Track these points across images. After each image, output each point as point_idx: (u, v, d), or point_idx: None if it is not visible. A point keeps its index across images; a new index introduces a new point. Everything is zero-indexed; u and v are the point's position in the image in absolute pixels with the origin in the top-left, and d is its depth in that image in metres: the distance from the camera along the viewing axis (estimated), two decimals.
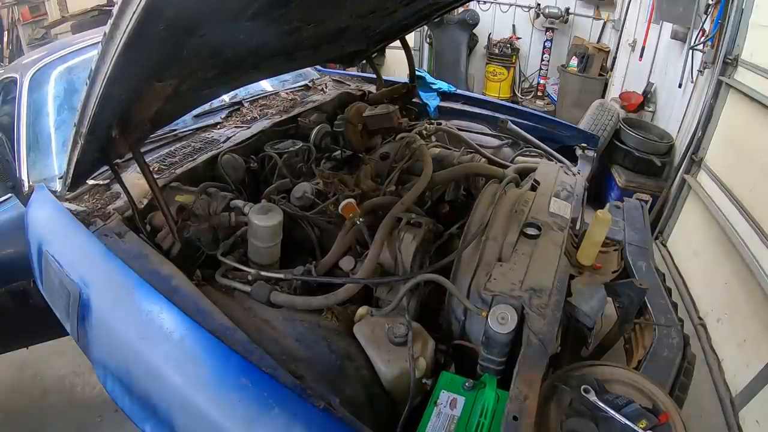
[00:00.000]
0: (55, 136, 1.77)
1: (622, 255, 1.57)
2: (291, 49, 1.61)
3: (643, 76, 4.33)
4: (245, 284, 1.33)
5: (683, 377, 1.21)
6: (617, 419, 0.97)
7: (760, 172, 2.41)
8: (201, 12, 0.87)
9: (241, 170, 1.79)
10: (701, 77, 3.24)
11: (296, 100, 2.33)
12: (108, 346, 1.17)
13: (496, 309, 1.10)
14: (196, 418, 0.95)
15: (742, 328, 2.31)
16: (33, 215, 1.50)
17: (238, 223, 1.47)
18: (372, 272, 1.34)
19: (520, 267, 1.25)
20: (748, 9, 2.69)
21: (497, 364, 1.13)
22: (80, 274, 1.25)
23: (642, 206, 1.86)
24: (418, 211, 1.60)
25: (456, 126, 2.35)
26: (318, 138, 2.06)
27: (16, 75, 1.92)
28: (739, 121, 2.74)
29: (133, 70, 0.96)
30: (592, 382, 1.04)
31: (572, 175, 1.84)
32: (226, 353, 0.99)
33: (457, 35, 5.68)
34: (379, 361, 1.15)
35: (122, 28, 0.78)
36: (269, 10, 1.04)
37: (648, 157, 3.53)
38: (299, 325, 1.21)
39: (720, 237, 2.64)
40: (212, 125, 2.01)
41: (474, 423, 0.99)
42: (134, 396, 1.07)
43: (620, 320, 1.40)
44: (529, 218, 1.43)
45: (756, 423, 2.01)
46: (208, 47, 1.07)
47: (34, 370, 2.41)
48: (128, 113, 1.19)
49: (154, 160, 1.71)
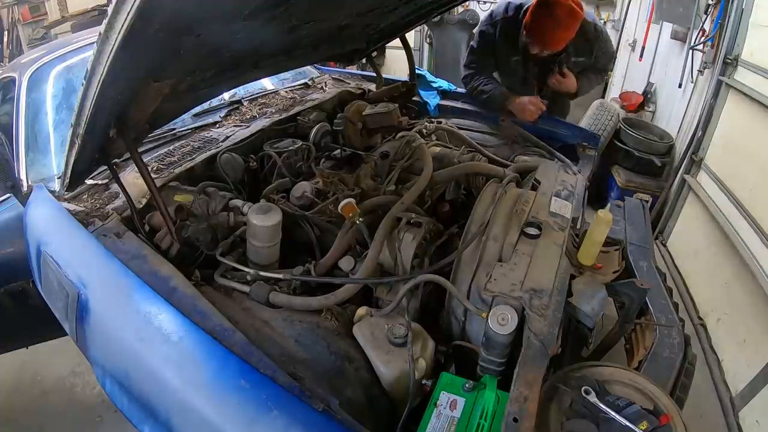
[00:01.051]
0: (54, 136, 1.76)
1: (623, 255, 1.56)
2: (290, 47, 1.60)
3: (643, 76, 4.33)
4: (244, 284, 1.33)
5: (684, 378, 1.21)
6: (618, 421, 0.97)
7: (760, 172, 2.41)
8: (196, 12, 0.86)
9: (240, 169, 1.79)
10: (701, 77, 3.24)
11: (296, 99, 2.32)
12: (106, 347, 1.17)
13: (497, 310, 1.10)
14: (194, 420, 0.95)
15: (742, 328, 2.31)
16: (31, 215, 1.49)
17: (237, 223, 1.46)
18: (371, 272, 1.33)
19: (521, 267, 1.24)
20: (748, 9, 2.68)
21: (497, 365, 1.12)
22: (78, 275, 1.24)
23: (643, 205, 1.85)
24: (418, 210, 1.60)
25: (456, 125, 2.34)
26: (317, 137, 2.06)
27: (14, 74, 1.91)
28: (739, 121, 2.74)
29: (130, 71, 0.95)
30: (592, 383, 1.03)
31: (573, 174, 1.83)
32: (225, 355, 0.99)
33: (457, 35, 5.67)
34: (378, 362, 1.14)
35: (117, 29, 0.77)
36: (266, 10, 1.03)
37: (648, 157, 3.53)
38: (298, 326, 1.20)
39: (720, 237, 2.63)
40: (211, 124, 2.01)
41: (474, 424, 0.98)
42: (133, 397, 1.07)
43: (621, 320, 1.40)
44: (530, 218, 1.42)
45: (756, 423, 2.01)
46: (205, 47, 1.07)
47: (34, 370, 2.41)
48: (125, 113, 1.19)
49: (153, 159, 1.70)
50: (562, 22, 1.98)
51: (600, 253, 1.46)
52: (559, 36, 2.04)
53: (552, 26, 1.99)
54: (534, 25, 2.04)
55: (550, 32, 2.02)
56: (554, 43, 2.07)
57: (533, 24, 2.04)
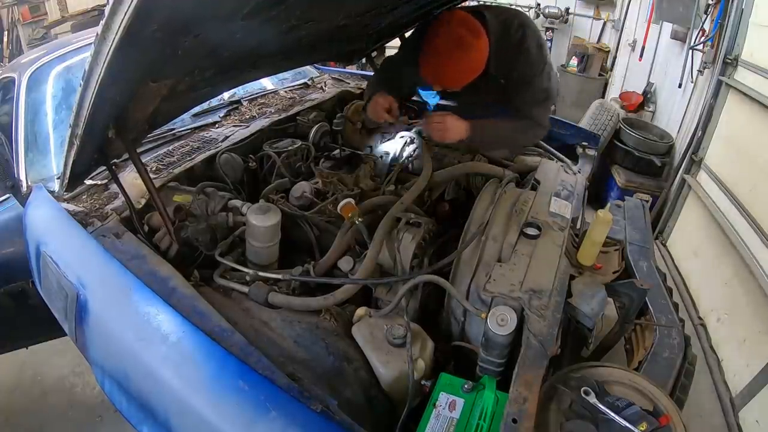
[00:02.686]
0: (54, 136, 1.76)
1: (623, 255, 1.56)
2: (289, 47, 1.60)
3: (643, 76, 4.33)
4: (243, 285, 1.32)
5: (684, 378, 1.20)
6: (617, 421, 0.96)
7: (760, 172, 2.41)
8: (194, 12, 0.86)
9: (239, 170, 1.79)
10: (701, 77, 3.24)
11: (295, 99, 2.32)
12: (106, 348, 1.16)
13: (496, 310, 1.09)
14: (193, 420, 0.95)
15: (742, 328, 2.31)
16: (31, 216, 1.49)
17: (236, 223, 1.46)
18: (371, 273, 1.33)
19: (520, 267, 1.24)
20: (748, 9, 2.69)
21: (497, 366, 1.12)
22: (78, 275, 1.24)
23: (643, 205, 1.85)
24: (417, 210, 1.59)
25: None
26: (317, 137, 2.06)
27: (14, 74, 1.91)
28: (739, 121, 2.74)
29: (127, 71, 0.95)
30: (592, 384, 1.03)
31: (573, 174, 1.83)
32: (224, 356, 0.98)
33: None
34: (377, 363, 1.14)
35: (114, 29, 0.77)
36: (264, 10, 1.03)
37: (648, 157, 3.53)
38: (297, 326, 1.20)
39: (720, 237, 2.63)
40: (210, 124, 2.01)
41: (473, 425, 0.98)
42: (132, 398, 1.07)
43: (621, 321, 1.40)
44: (529, 218, 1.42)
45: (756, 423, 2.00)
46: (203, 47, 1.06)
47: (34, 370, 2.41)
48: (124, 114, 1.19)
49: (152, 159, 1.70)
50: (448, 55, 1.48)
51: (600, 254, 1.46)
52: (446, 73, 1.53)
53: (436, 60, 1.50)
54: (423, 56, 1.53)
55: (435, 67, 1.53)
56: (446, 80, 1.57)
57: (422, 55, 1.53)
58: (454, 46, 1.46)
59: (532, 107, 1.64)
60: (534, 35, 1.61)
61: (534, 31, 1.63)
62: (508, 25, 1.58)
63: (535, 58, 1.58)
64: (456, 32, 1.45)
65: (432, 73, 1.56)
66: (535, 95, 1.64)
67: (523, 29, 1.58)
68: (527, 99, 1.64)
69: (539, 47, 1.61)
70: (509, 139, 1.75)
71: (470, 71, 1.53)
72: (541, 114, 1.68)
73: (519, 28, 1.58)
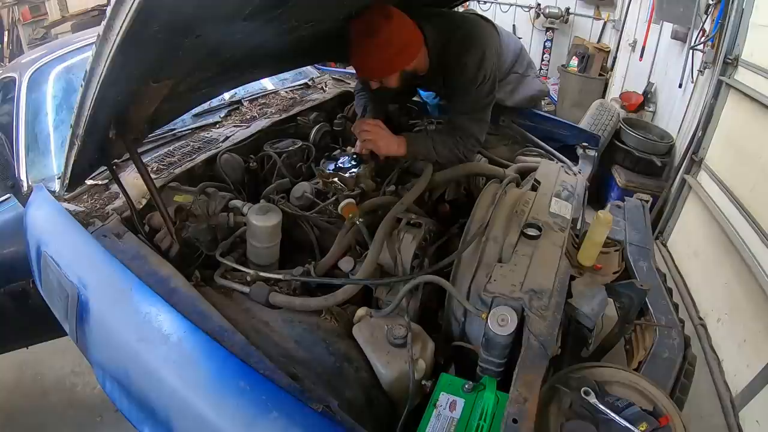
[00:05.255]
0: (54, 136, 1.76)
1: (623, 255, 1.56)
2: (290, 48, 1.60)
3: (643, 76, 4.32)
4: (244, 285, 1.32)
5: (684, 379, 1.20)
6: (617, 422, 0.97)
7: (760, 172, 2.41)
8: (196, 12, 0.86)
9: (240, 170, 1.79)
10: (701, 77, 3.23)
11: (296, 99, 2.32)
12: (106, 348, 1.17)
13: (496, 311, 1.10)
14: (194, 421, 0.95)
15: (742, 328, 2.31)
16: (32, 216, 1.49)
17: (236, 224, 1.46)
18: (371, 273, 1.33)
19: (521, 268, 1.24)
20: (748, 9, 2.68)
21: (497, 366, 1.12)
22: (78, 275, 1.24)
23: (643, 206, 1.85)
24: (418, 211, 1.59)
25: None
26: (318, 137, 2.06)
27: (14, 74, 1.91)
28: (740, 121, 2.73)
29: (129, 72, 0.95)
30: (592, 384, 1.03)
31: (573, 175, 1.83)
32: (225, 356, 0.99)
33: None
34: (378, 363, 1.14)
35: (116, 29, 0.77)
36: (266, 10, 1.03)
37: (648, 157, 3.52)
38: (298, 327, 1.20)
39: (720, 237, 2.63)
40: (211, 124, 2.01)
41: (473, 425, 0.98)
42: (132, 398, 1.07)
43: (621, 321, 1.40)
44: (530, 218, 1.42)
45: (756, 423, 2.01)
46: (204, 47, 1.07)
47: (34, 370, 2.41)
48: (125, 114, 1.19)
49: (153, 159, 1.70)
50: (359, 43, 1.46)
51: (600, 254, 1.46)
52: (362, 62, 1.53)
53: (352, 50, 1.49)
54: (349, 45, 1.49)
55: (354, 57, 1.52)
56: (364, 70, 1.56)
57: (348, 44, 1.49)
58: (363, 32, 1.43)
59: (464, 117, 1.64)
60: (476, 49, 1.56)
61: (478, 42, 1.58)
62: (448, 37, 1.57)
63: (471, 72, 1.56)
64: (366, 20, 1.42)
65: (353, 64, 1.56)
66: (467, 106, 1.63)
67: (464, 42, 1.56)
68: (460, 108, 1.65)
69: (480, 60, 1.56)
70: (443, 153, 1.66)
71: (385, 61, 1.49)
72: (473, 126, 1.64)
73: (461, 40, 1.57)
